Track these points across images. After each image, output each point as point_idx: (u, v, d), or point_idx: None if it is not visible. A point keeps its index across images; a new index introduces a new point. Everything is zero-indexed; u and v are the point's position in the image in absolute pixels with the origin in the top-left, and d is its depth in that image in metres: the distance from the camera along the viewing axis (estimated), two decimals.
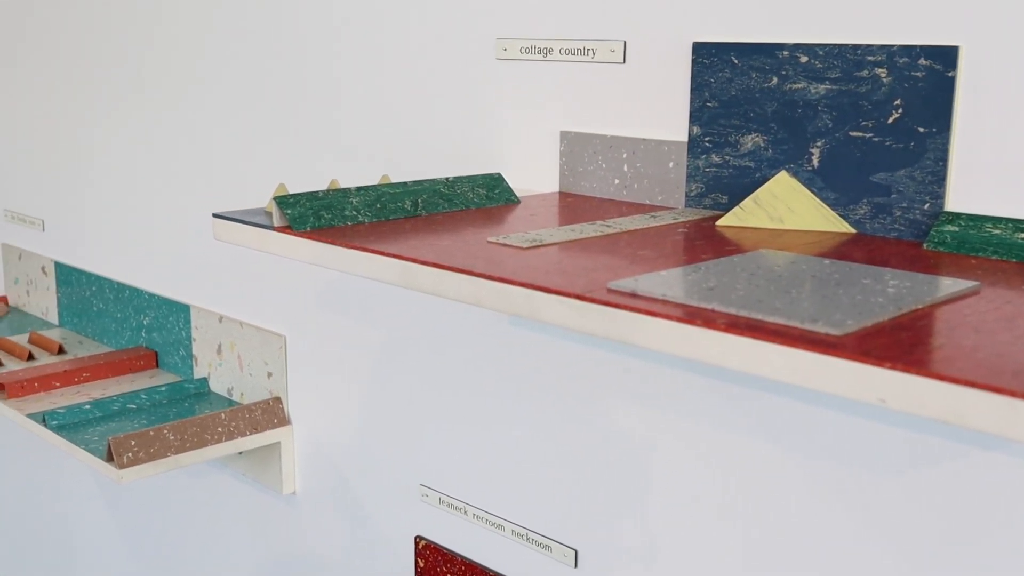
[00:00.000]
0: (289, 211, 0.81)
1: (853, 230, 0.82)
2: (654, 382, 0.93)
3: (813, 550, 0.84)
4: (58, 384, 1.46)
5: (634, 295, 0.62)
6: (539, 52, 1.01)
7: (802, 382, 0.52)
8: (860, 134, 0.80)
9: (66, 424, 1.32)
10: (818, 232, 0.81)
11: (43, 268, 1.79)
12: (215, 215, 0.87)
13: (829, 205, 0.83)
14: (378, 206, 0.86)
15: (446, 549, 1.14)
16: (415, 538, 1.18)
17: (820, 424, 0.82)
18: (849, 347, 0.52)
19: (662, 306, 0.59)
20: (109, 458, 1.21)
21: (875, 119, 0.80)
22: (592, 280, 0.65)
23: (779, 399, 0.84)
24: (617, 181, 0.97)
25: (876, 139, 0.80)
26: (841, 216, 0.82)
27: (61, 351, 1.62)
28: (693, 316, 0.57)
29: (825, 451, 0.82)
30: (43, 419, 1.32)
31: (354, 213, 0.84)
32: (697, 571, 0.92)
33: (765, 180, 0.87)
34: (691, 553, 0.92)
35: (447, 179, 0.92)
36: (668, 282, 0.64)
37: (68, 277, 1.73)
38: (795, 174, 0.85)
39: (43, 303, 1.80)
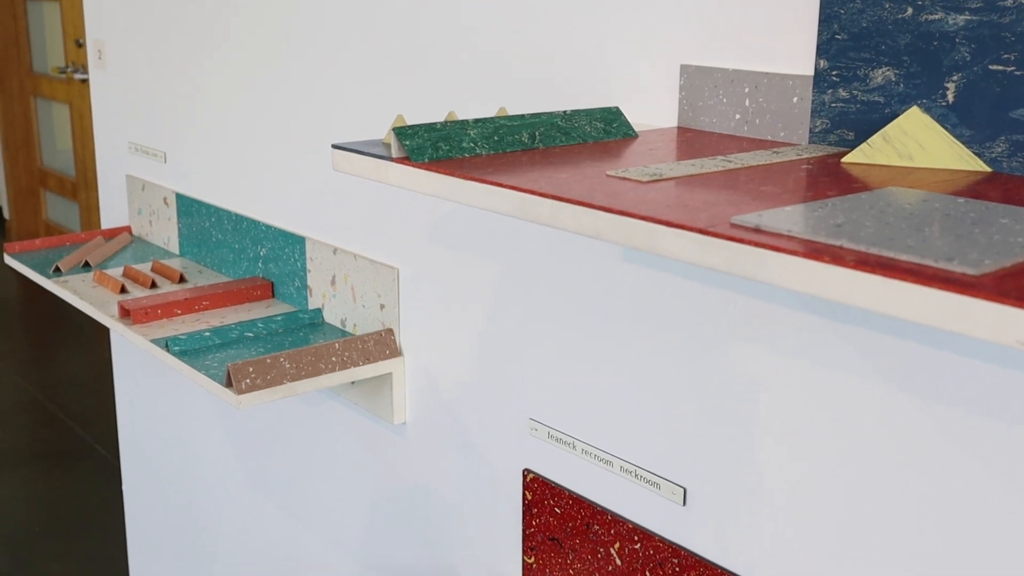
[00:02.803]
0: (407, 142, 0.81)
1: (988, 169, 0.78)
2: (769, 321, 0.91)
3: (930, 499, 0.82)
4: (179, 312, 1.51)
5: (758, 230, 0.61)
6: None
7: (936, 323, 0.50)
8: (1001, 67, 0.77)
9: (187, 350, 1.37)
10: (950, 170, 0.78)
11: (165, 199, 1.84)
12: (334, 146, 0.88)
13: (963, 142, 0.80)
14: (495, 138, 0.85)
15: (554, 483, 1.15)
16: (523, 471, 1.19)
17: (944, 368, 0.80)
18: (987, 287, 0.50)
19: (788, 242, 0.58)
20: (228, 384, 1.24)
21: (1018, 52, 0.76)
22: (715, 215, 0.64)
23: (899, 341, 0.82)
24: (738, 116, 0.95)
25: (1018, 73, 0.76)
26: (976, 154, 0.79)
27: (182, 280, 1.67)
28: (821, 252, 0.56)
29: (949, 397, 0.80)
30: (166, 345, 1.37)
31: (471, 145, 0.84)
32: (807, 514, 0.91)
33: (895, 116, 0.83)
34: (802, 495, 0.91)
35: (564, 112, 0.91)
36: (793, 218, 0.62)
37: (188, 208, 1.78)
38: (927, 110, 0.81)
39: (165, 233, 1.86)
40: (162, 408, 1.98)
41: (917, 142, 0.80)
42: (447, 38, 1.22)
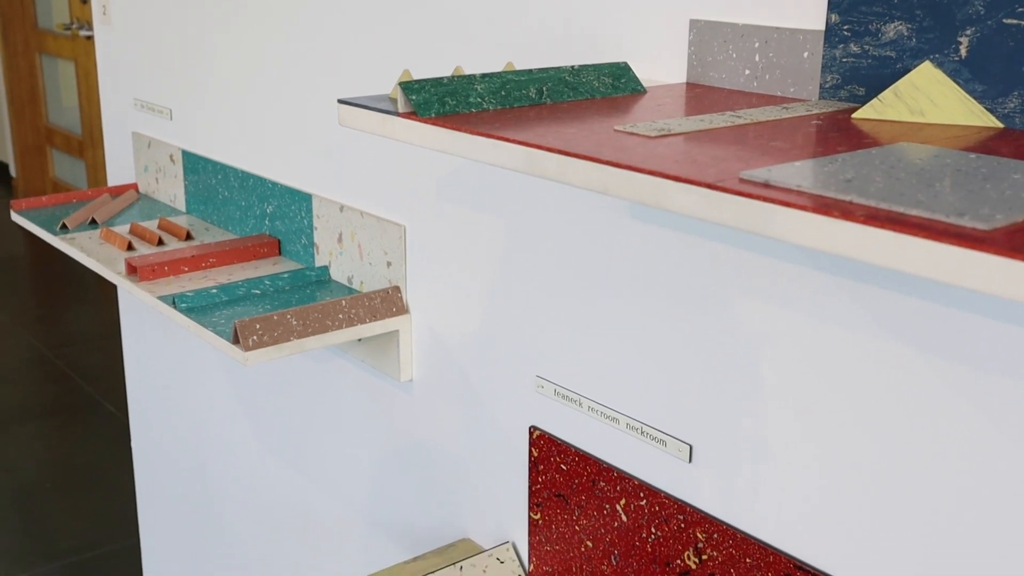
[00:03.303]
0: (414, 97, 0.81)
1: (1001, 125, 0.78)
2: (777, 278, 0.91)
3: (937, 456, 0.82)
4: (186, 269, 1.51)
5: (767, 185, 0.60)
6: None
7: (946, 278, 0.50)
8: (1016, 21, 0.76)
9: (194, 307, 1.37)
10: (962, 126, 0.78)
11: (171, 156, 1.83)
12: (340, 101, 0.87)
13: (976, 98, 0.79)
14: (502, 93, 0.85)
15: (560, 440, 1.15)
16: (530, 428, 1.19)
17: (952, 325, 0.79)
18: (998, 242, 0.49)
19: (797, 197, 0.57)
20: (235, 341, 1.24)
21: None
22: (723, 170, 0.63)
23: (907, 298, 0.81)
24: (748, 72, 0.94)
25: None
26: (988, 110, 0.78)
27: (189, 237, 1.67)
28: (830, 207, 0.55)
29: (956, 354, 0.79)
30: (173, 302, 1.37)
31: (478, 100, 0.83)
32: (813, 471, 0.91)
33: (907, 71, 0.82)
34: (808, 453, 0.91)
35: (572, 67, 0.90)
36: (803, 173, 0.62)
37: (195, 165, 1.77)
38: (940, 65, 0.80)
39: (171, 190, 1.85)
40: (170, 365, 1.99)
41: (929, 98, 0.79)
42: None
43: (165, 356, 2.00)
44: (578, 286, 1.10)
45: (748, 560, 0.97)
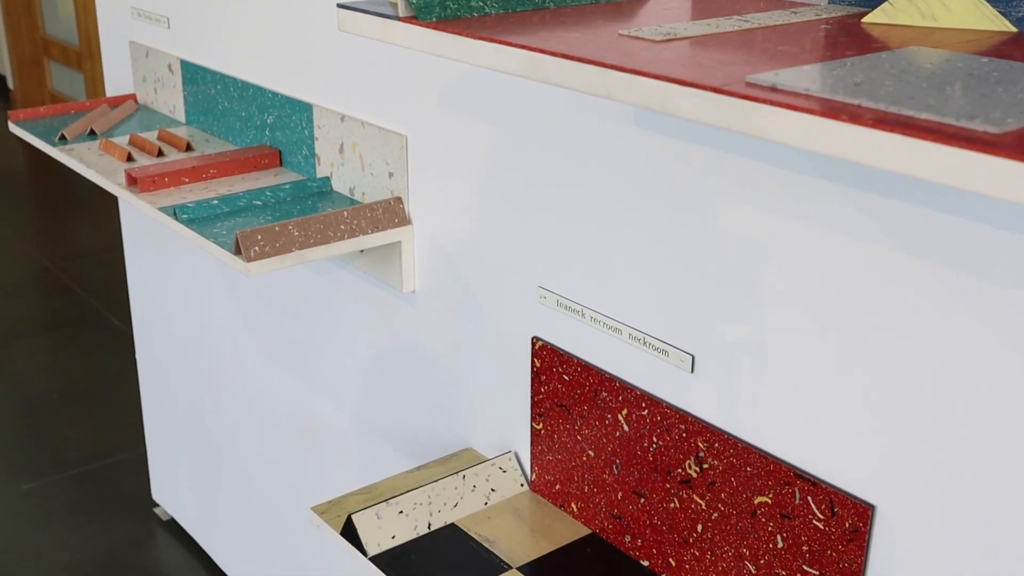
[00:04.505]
0: (414, 0, 0.79)
1: (1014, 29, 0.76)
2: (782, 187, 0.90)
3: (941, 365, 0.82)
4: (187, 180, 1.49)
5: (774, 89, 0.59)
6: None
7: (955, 183, 0.49)
8: None
9: (196, 218, 1.36)
10: (974, 31, 0.76)
11: (169, 66, 1.81)
12: (340, 5, 0.85)
13: (988, 2, 0.77)
14: None
15: (563, 351, 1.16)
16: (532, 339, 1.19)
17: (960, 234, 0.79)
18: (1009, 146, 0.48)
19: (805, 100, 0.56)
20: (237, 252, 1.24)
21: None
22: (729, 74, 0.62)
23: (913, 207, 0.81)
24: None
25: None
26: (1001, 14, 0.76)
27: (189, 148, 1.65)
28: (838, 111, 0.54)
29: (964, 263, 0.79)
30: (174, 213, 1.36)
31: (480, 4, 0.82)
32: (815, 382, 0.91)
33: None
34: (810, 363, 0.91)
35: None
36: (811, 77, 0.61)
37: (194, 75, 1.75)
38: None
39: (170, 101, 1.83)
40: (172, 277, 1.99)
41: (941, 1, 0.77)
42: None
43: (167, 268, 2.00)
44: (581, 196, 1.09)
45: (749, 469, 0.98)
